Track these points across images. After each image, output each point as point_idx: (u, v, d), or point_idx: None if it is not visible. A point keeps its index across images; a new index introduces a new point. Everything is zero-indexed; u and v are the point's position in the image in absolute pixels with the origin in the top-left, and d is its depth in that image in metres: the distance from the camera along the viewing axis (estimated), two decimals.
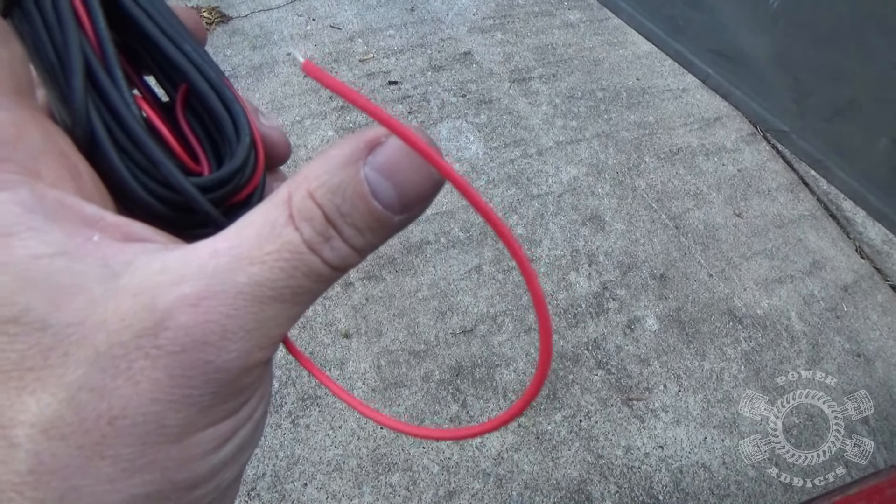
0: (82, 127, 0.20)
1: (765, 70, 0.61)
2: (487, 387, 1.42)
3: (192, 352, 0.16)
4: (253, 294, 0.17)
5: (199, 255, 0.17)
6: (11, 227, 0.16)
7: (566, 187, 1.86)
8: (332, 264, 0.18)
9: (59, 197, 0.18)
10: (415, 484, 1.27)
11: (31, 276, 0.16)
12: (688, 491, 1.32)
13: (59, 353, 0.16)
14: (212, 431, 0.18)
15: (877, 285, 1.75)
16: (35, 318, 0.16)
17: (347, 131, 1.93)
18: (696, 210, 1.85)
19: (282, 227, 0.17)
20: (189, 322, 0.16)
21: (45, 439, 0.16)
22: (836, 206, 1.93)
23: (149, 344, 0.16)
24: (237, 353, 0.17)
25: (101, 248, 0.17)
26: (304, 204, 0.18)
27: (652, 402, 1.44)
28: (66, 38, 0.20)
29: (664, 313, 1.60)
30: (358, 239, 0.18)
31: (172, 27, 0.23)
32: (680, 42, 0.68)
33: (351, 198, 0.18)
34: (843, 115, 0.58)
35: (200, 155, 0.24)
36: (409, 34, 2.31)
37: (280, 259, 0.17)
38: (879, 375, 1.54)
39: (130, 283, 0.17)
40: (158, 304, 0.16)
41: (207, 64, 0.24)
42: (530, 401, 0.21)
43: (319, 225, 0.18)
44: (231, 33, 2.22)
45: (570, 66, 2.26)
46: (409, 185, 0.18)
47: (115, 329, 0.16)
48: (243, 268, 0.17)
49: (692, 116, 2.14)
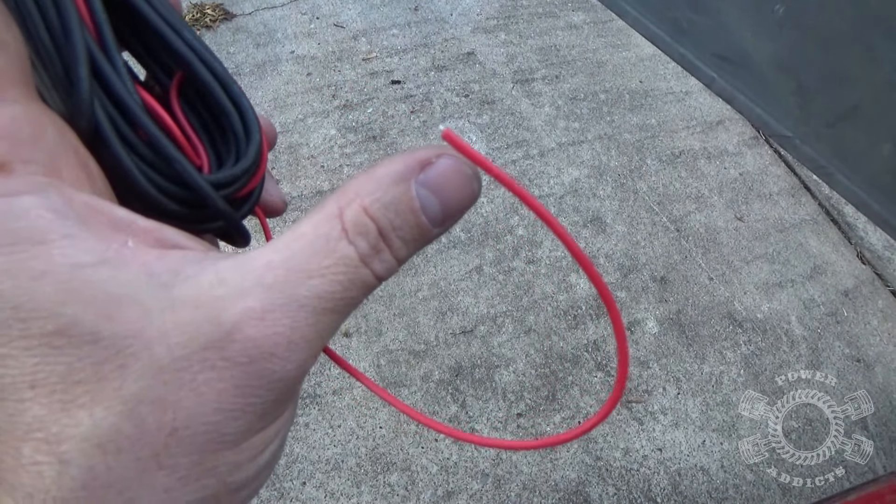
0: (87, 120, 0.19)
1: (769, 75, 0.61)
2: (487, 387, 1.42)
3: (260, 363, 0.17)
4: (313, 306, 0.17)
5: (255, 266, 0.18)
6: (46, 234, 0.16)
7: (568, 189, 1.86)
8: (380, 276, 0.19)
9: (87, 200, 0.17)
10: (413, 484, 1.27)
11: (75, 286, 0.16)
12: (686, 494, 1.32)
13: (114, 366, 0.16)
14: (262, 435, 0.19)
15: (877, 291, 1.75)
16: (84, 331, 0.15)
17: (350, 130, 1.93)
18: (698, 213, 1.85)
19: (336, 242, 0.18)
20: (257, 335, 0.17)
21: (100, 453, 0.15)
22: (838, 211, 1.93)
23: (215, 356, 0.16)
24: (298, 363, 0.18)
25: (139, 255, 0.17)
26: (358, 219, 0.18)
27: (651, 405, 1.44)
28: (65, 18, 0.19)
29: (664, 316, 1.60)
30: (403, 251, 0.19)
31: (169, 11, 0.22)
32: (684, 46, 0.68)
33: (403, 213, 0.19)
34: (846, 121, 0.58)
35: (200, 148, 0.23)
36: (413, 34, 2.31)
37: (338, 272, 0.18)
38: (879, 381, 1.54)
39: (186, 294, 0.17)
40: (224, 317, 0.16)
41: (209, 53, 0.23)
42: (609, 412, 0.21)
43: (373, 239, 0.18)
44: (235, 31, 2.22)
45: (573, 67, 2.26)
46: (452, 201, 0.19)
47: (178, 341, 0.16)
48: (303, 281, 0.17)
49: (694, 120, 2.14)
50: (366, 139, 1.92)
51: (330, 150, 1.87)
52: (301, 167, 1.81)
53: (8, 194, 0.16)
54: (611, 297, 0.19)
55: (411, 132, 1.95)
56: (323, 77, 2.10)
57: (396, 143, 1.92)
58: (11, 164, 0.16)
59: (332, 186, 1.77)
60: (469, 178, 0.20)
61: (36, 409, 0.15)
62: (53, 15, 0.19)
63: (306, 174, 1.80)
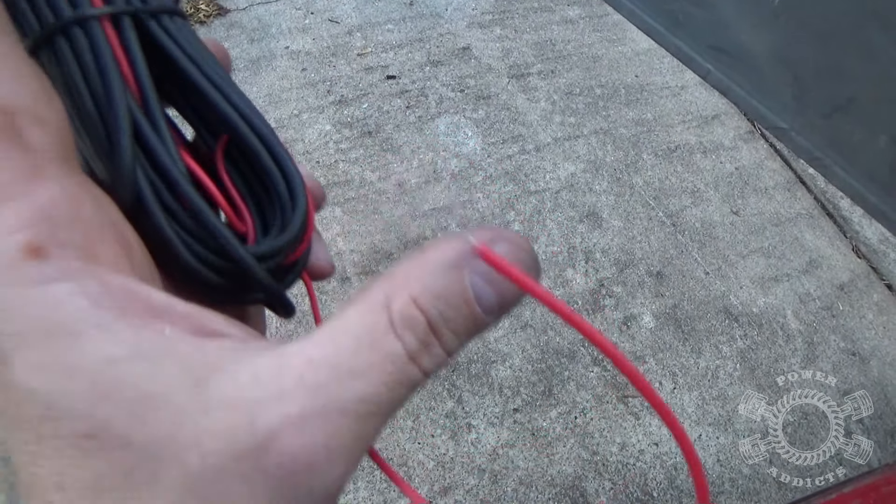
0: (129, 189, 0.18)
1: (765, 67, 0.61)
2: (483, 382, 1.42)
3: (298, 476, 0.15)
4: (356, 411, 0.16)
5: (294, 364, 0.16)
6: (80, 324, 0.15)
7: (564, 184, 1.86)
8: (427, 372, 0.17)
9: (124, 285, 0.16)
10: (409, 479, 1.27)
11: (108, 384, 0.15)
12: (682, 488, 1.32)
13: (146, 474, 0.15)
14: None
15: (873, 284, 1.75)
16: (115, 434, 0.14)
17: (345, 126, 1.92)
18: (694, 208, 1.85)
19: (382, 336, 0.16)
20: (295, 445, 0.15)
21: None
22: (833, 204, 1.93)
23: (250, 467, 0.15)
24: (338, 475, 0.16)
25: (176, 345, 0.16)
26: (407, 310, 0.17)
27: None
28: (109, 87, 0.18)
29: (660, 311, 1.60)
30: (454, 343, 0.18)
31: (215, 71, 0.21)
32: (680, 38, 0.67)
33: (456, 304, 0.17)
34: (842, 113, 0.58)
35: (245, 215, 0.22)
36: (408, 28, 2.30)
37: (384, 373, 0.16)
38: (874, 374, 1.55)
39: (222, 394, 0.15)
40: (259, 423, 0.15)
41: (256, 115, 0.22)
42: None
43: (422, 333, 0.17)
44: (229, 26, 2.21)
45: (568, 62, 2.25)
46: (509, 290, 0.18)
47: (212, 450, 0.15)
48: (346, 382, 0.16)
49: (690, 114, 2.14)
50: (361, 134, 1.91)
51: (325, 146, 1.87)
52: (296, 163, 1.80)
53: (43, 282, 0.15)
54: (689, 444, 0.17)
55: (407, 127, 1.95)
56: (318, 72, 2.09)
57: (392, 138, 1.91)
58: (48, 249, 0.15)
59: (328, 182, 1.76)
60: (527, 265, 0.18)
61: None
62: (97, 81, 0.18)
63: (301, 170, 1.79)
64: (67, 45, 0.18)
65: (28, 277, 0.15)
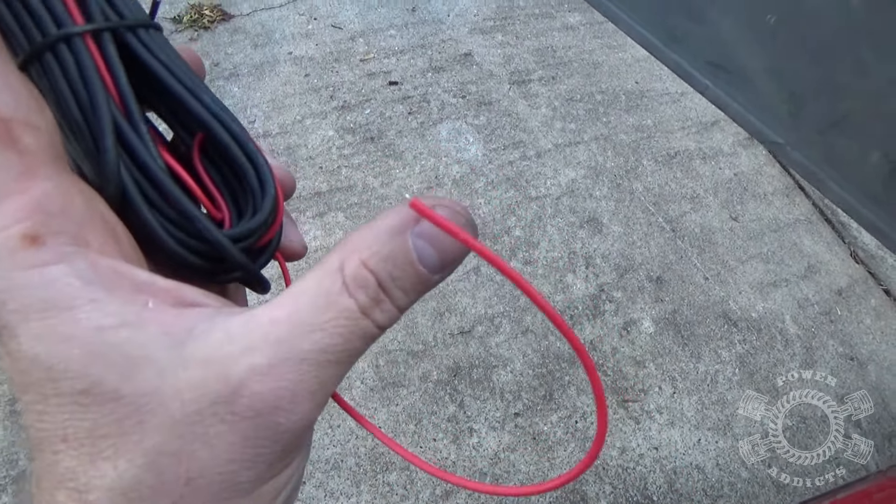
0: (114, 185, 0.20)
1: (761, 83, 0.63)
2: (485, 387, 1.43)
3: (266, 416, 0.18)
4: (316, 360, 0.18)
5: (260, 322, 0.19)
6: (73, 299, 0.17)
7: (564, 189, 1.87)
8: (381, 325, 0.20)
9: (111, 265, 0.19)
10: (412, 483, 1.29)
11: (99, 348, 0.17)
12: (682, 492, 1.34)
13: (134, 422, 0.17)
14: (273, 482, 0.20)
15: (870, 290, 1.76)
16: (107, 390, 0.17)
17: (348, 131, 1.94)
18: (693, 213, 1.86)
19: (337, 296, 0.19)
20: (262, 390, 0.18)
21: (125, 501, 0.17)
22: (832, 210, 1.94)
23: (224, 411, 0.17)
24: (303, 415, 0.19)
25: (157, 315, 0.18)
26: (358, 272, 0.19)
27: (647, 404, 1.46)
28: (94, 96, 0.20)
29: (660, 316, 1.61)
30: (404, 300, 0.20)
31: (189, 77, 0.24)
32: (678, 53, 0.69)
33: (401, 265, 0.19)
34: (837, 129, 0.59)
35: (221, 203, 0.24)
36: (410, 35, 2.32)
37: (339, 326, 0.19)
38: (872, 379, 1.56)
39: (197, 352, 0.18)
40: (231, 373, 0.18)
41: (226, 114, 0.24)
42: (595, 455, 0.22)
43: (373, 291, 0.19)
44: (232, 31, 2.23)
45: (569, 68, 2.27)
46: (448, 249, 0.20)
47: (190, 398, 0.17)
48: (305, 335, 0.18)
49: (690, 120, 2.15)
50: (364, 140, 1.92)
51: (328, 151, 1.88)
52: (299, 168, 1.82)
53: (40, 265, 0.17)
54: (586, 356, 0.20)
55: (409, 133, 1.96)
56: (321, 78, 2.10)
57: (394, 144, 1.93)
58: (43, 237, 0.18)
59: (331, 188, 1.78)
60: (464, 225, 0.20)
61: (67, 461, 0.17)
62: (83, 92, 0.20)
63: (304, 175, 1.81)
64: (54, 61, 0.20)
65: (27, 262, 0.17)
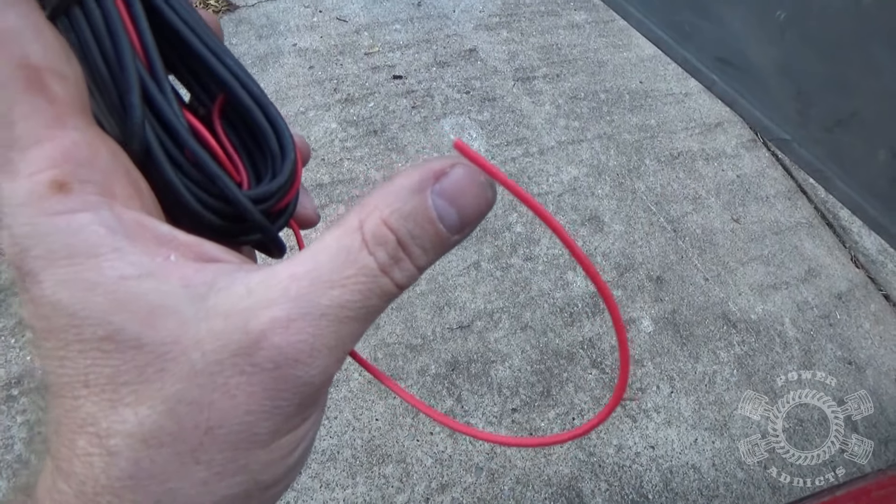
0: (139, 142, 0.20)
1: (769, 80, 0.62)
2: (483, 382, 1.43)
3: (285, 368, 0.18)
4: (335, 315, 0.19)
5: (280, 278, 0.19)
6: (98, 248, 0.17)
7: (566, 187, 1.87)
8: (400, 284, 0.20)
9: (135, 217, 0.19)
10: (408, 476, 1.29)
11: (122, 296, 0.17)
12: (677, 491, 1.34)
13: (156, 370, 0.17)
14: (291, 436, 0.20)
15: (870, 295, 1.76)
16: (129, 337, 0.17)
17: (351, 124, 1.94)
18: (695, 214, 1.86)
19: (357, 253, 0.19)
20: (282, 342, 0.18)
21: (145, 447, 0.17)
22: (833, 214, 1.94)
23: (245, 362, 0.18)
24: (321, 368, 0.19)
25: (180, 268, 0.18)
26: (378, 230, 0.19)
27: (644, 403, 1.46)
28: (120, 50, 0.20)
29: (659, 315, 1.61)
30: (423, 259, 0.20)
31: (212, 39, 0.24)
32: (687, 49, 0.69)
33: (421, 223, 0.19)
34: (844, 127, 0.59)
35: (240, 165, 0.24)
36: (415, 29, 2.31)
37: (358, 282, 0.19)
38: (870, 383, 1.56)
39: (219, 304, 0.18)
40: (252, 326, 0.18)
41: (248, 77, 0.24)
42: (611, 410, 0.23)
43: (392, 249, 0.19)
44: (237, 22, 2.22)
45: (574, 66, 2.27)
46: (468, 208, 0.20)
47: (211, 349, 0.17)
48: (325, 291, 0.18)
49: (693, 121, 2.15)
50: (366, 133, 1.92)
51: (331, 144, 1.88)
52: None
53: (66, 212, 0.17)
54: (614, 305, 0.20)
55: (412, 127, 1.96)
56: (325, 70, 2.10)
57: (397, 137, 1.92)
58: (70, 185, 0.18)
59: (332, 180, 1.78)
60: (483, 185, 0.20)
61: (88, 406, 0.17)
62: (109, 47, 0.20)
63: (307, 167, 1.80)
64: (81, 15, 0.20)
65: (54, 208, 0.17)
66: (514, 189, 0.20)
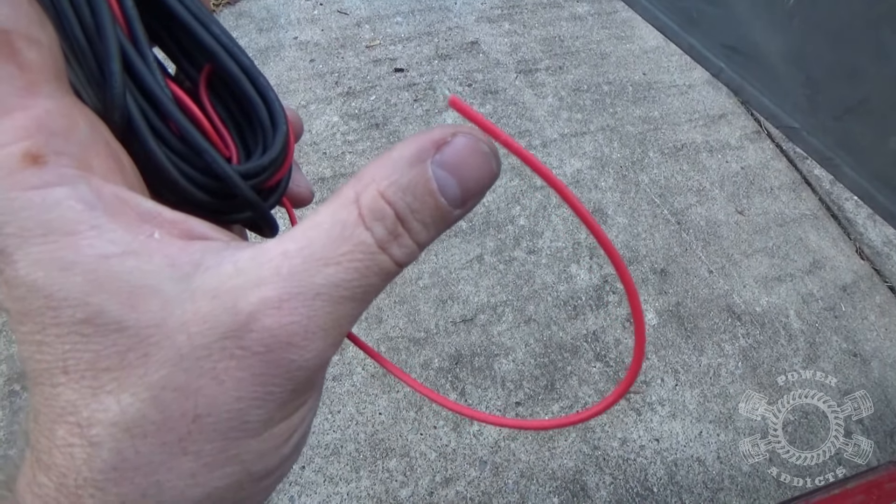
0: (120, 113, 0.19)
1: (778, 67, 0.62)
2: (486, 376, 1.43)
3: (277, 352, 0.17)
4: (330, 294, 0.17)
5: (271, 255, 0.17)
6: (75, 225, 0.16)
7: (570, 180, 1.86)
8: (399, 261, 0.19)
9: (116, 192, 0.18)
10: (412, 469, 1.28)
11: (102, 276, 0.16)
12: (682, 484, 1.33)
13: (138, 354, 0.16)
14: (285, 424, 0.19)
15: (875, 286, 1.75)
16: (110, 320, 0.16)
17: (352, 118, 1.93)
18: (699, 206, 1.85)
19: (353, 228, 0.18)
20: (273, 324, 0.17)
21: (128, 437, 0.16)
22: (838, 206, 1.93)
23: (234, 345, 0.16)
24: (316, 352, 0.18)
25: (164, 246, 0.17)
26: (375, 204, 0.18)
27: (649, 396, 1.45)
28: (99, 18, 0.19)
29: (663, 308, 1.61)
30: (423, 235, 0.19)
31: (197, 6, 0.22)
32: (693, 36, 0.68)
33: (420, 195, 0.18)
34: (853, 114, 0.58)
35: (228, 139, 0.23)
36: (417, 22, 2.30)
37: (354, 260, 0.18)
38: (875, 375, 1.55)
39: (205, 284, 0.17)
40: (241, 306, 0.17)
41: (236, 46, 0.23)
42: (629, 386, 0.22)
43: (390, 224, 0.18)
44: (238, 15, 2.21)
45: (576, 58, 2.25)
46: (471, 180, 0.19)
47: (198, 331, 0.16)
48: (319, 269, 0.17)
49: (697, 113, 2.14)
50: (368, 127, 1.91)
51: (332, 137, 1.87)
52: (303, 154, 1.81)
53: (41, 186, 0.16)
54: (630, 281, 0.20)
55: (414, 120, 1.95)
56: (326, 64, 2.09)
57: (399, 131, 1.91)
58: (45, 157, 0.16)
59: (334, 173, 1.77)
60: (487, 155, 0.19)
61: (68, 394, 0.16)
62: (87, 13, 0.19)
63: (308, 161, 1.80)
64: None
65: (27, 182, 0.16)
66: (515, 149, 0.18)
